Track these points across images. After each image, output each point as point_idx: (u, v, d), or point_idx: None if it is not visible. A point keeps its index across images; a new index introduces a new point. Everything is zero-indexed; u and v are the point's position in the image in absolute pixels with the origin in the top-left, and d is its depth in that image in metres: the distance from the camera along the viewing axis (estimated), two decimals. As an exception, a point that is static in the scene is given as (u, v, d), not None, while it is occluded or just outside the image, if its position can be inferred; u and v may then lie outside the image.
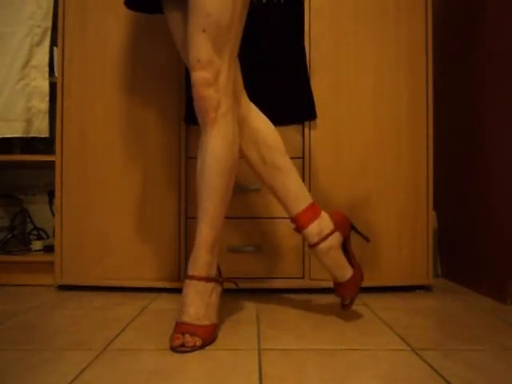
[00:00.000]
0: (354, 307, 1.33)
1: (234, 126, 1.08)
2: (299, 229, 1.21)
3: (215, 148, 1.05)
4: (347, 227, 1.24)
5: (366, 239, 1.28)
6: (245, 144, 1.19)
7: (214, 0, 1.00)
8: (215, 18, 1.00)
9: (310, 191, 1.49)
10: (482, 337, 1.06)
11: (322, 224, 1.19)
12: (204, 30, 1.01)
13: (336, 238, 1.20)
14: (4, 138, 1.65)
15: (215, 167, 1.05)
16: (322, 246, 1.18)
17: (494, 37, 1.49)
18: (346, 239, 1.23)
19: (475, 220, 1.59)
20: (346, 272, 1.21)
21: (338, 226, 1.21)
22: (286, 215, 1.49)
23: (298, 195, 1.21)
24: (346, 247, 1.23)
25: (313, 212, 1.20)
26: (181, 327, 0.99)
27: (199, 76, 1.03)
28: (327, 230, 1.19)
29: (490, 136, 1.51)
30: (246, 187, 1.47)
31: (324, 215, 1.21)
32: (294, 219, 1.21)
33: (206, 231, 1.06)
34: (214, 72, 1.03)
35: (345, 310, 1.25)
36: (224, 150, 1.06)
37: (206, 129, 1.06)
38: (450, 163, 1.76)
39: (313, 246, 1.19)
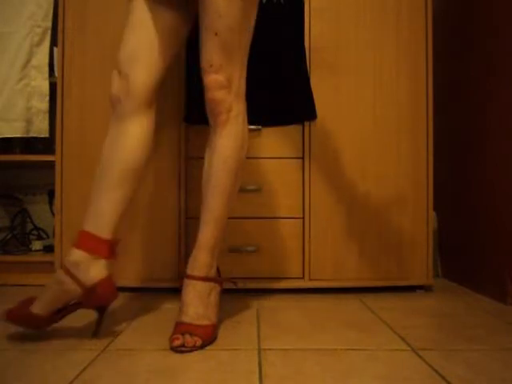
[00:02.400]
0: (354, 306, 1.33)
1: (244, 127, 1.09)
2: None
3: (224, 148, 1.06)
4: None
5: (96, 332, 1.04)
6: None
7: (225, 4, 1.00)
8: (227, 22, 1.00)
9: (309, 191, 1.50)
10: (481, 337, 1.06)
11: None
12: (216, 34, 1.01)
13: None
14: (4, 138, 1.65)
15: (223, 167, 1.06)
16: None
17: (494, 37, 1.49)
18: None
19: (475, 220, 1.59)
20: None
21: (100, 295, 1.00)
22: (286, 215, 1.51)
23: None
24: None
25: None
26: (180, 327, 0.99)
27: (212, 79, 1.03)
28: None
29: (489, 136, 1.51)
30: (246, 187, 1.47)
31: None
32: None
33: (208, 232, 1.06)
34: (227, 75, 1.03)
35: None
36: (233, 151, 1.06)
37: (216, 130, 1.07)
38: (449, 163, 1.76)
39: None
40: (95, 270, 0.99)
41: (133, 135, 1.06)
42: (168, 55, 1.09)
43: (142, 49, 1.06)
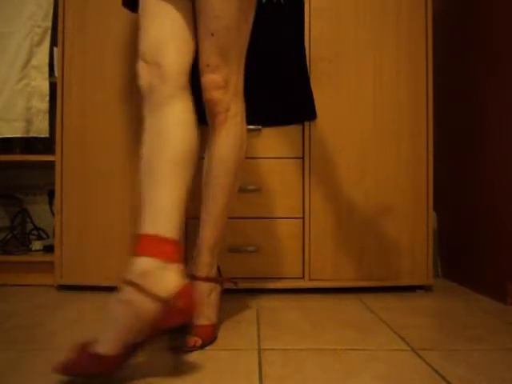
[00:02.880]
0: (354, 306, 1.33)
1: (242, 127, 1.09)
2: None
3: (223, 148, 1.06)
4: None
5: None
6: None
7: (222, 3, 0.99)
8: (223, 22, 1.00)
9: (309, 191, 1.50)
10: (481, 337, 1.06)
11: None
12: (212, 34, 1.00)
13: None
14: (4, 138, 1.65)
15: (222, 167, 1.06)
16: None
17: (494, 36, 1.49)
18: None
19: (475, 220, 1.59)
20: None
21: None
22: (286, 215, 1.51)
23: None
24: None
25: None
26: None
27: (209, 79, 1.03)
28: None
29: (489, 136, 1.51)
30: (246, 187, 1.47)
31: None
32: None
33: (208, 231, 1.07)
34: (224, 75, 1.03)
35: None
36: (232, 150, 1.06)
37: (215, 129, 1.07)
38: (449, 163, 1.76)
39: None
40: (171, 278, 0.80)
41: (177, 119, 0.93)
42: (195, 39, 1.02)
43: (169, 35, 0.98)
